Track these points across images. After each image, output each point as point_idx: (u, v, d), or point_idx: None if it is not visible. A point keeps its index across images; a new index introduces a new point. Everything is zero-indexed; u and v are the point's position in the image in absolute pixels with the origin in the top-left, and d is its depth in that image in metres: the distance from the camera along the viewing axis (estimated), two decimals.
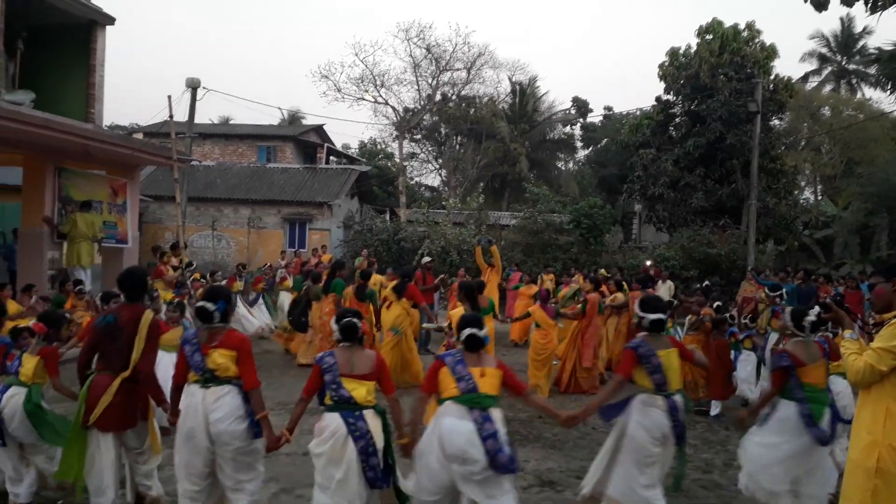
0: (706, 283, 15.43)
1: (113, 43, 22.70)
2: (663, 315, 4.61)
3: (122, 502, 4.63)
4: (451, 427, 3.94)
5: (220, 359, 4.14)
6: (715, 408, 8.33)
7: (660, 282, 15.78)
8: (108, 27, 12.89)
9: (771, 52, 23.06)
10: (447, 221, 23.11)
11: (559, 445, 6.95)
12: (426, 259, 13.57)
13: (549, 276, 16.21)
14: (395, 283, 9.70)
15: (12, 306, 10.28)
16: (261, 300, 14.05)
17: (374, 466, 3.97)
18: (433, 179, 40.29)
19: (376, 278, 13.68)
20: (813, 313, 4.75)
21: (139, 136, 24.95)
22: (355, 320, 4.24)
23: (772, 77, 23.15)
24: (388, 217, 27.83)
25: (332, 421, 4.05)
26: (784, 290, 10.73)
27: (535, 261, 20.67)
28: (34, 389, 4.80)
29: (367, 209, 28.61)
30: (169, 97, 12.71)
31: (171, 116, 12.67)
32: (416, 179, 39.07)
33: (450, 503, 4.07)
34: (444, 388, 4.12)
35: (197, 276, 12.42)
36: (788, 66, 77.77)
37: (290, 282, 13.78)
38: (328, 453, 3.99)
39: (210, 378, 4.14)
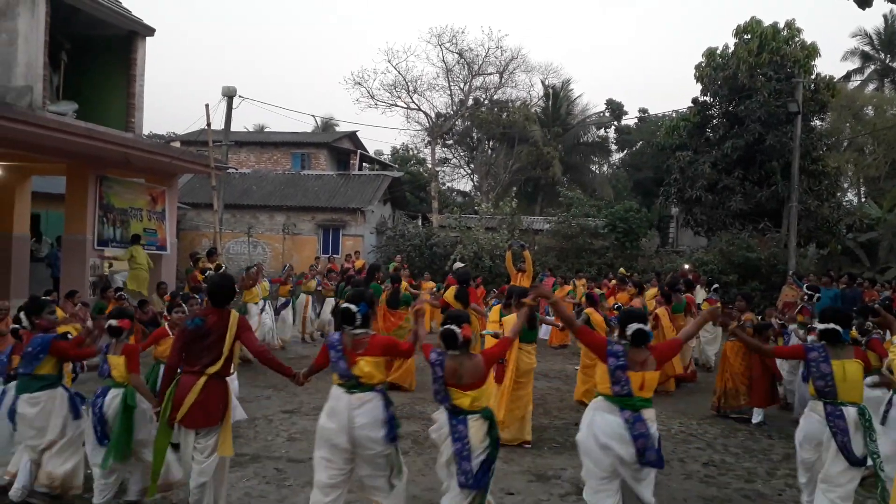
0: (715, 285, 15.11)
1: (151, 53, 23.19)
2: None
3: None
4: (602, 421, 4.22)
5: (367, 367, 4.26)
6: (757, 415, 8.12)
7: (698, 287, 15.52)
8: (147, 38, 13.16)
9: (812, 51, 22.56)
10: (479, 226, 23.05)
11: None
12: (458, 265, 13.41)
13: (581, 282, 16.03)
14: (455, 290, 9.29)
15: (56, 312, 10.53)
16: (290, 306, 13.40)
17: (466, 471, 4.07)
18: (465, 184, 40.32)
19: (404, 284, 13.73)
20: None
21: (176, 144, 25.45)
22: (454, 328, 4.26)
23: (813, 76, 22.65)
24: (420, 223, 27.88)
25: (441, 416, 4.31)
26: (820, 292, 10.47)
27: (570, 265, 20.49)
28: (130, 391, 4.92)
29: (400, 215, 28.70)
30: (207, 106, 12.94)
31: (208, 125, 12.89)
32: (448, 185, 39.11)
33: (618, 485, 4.23)
34: (600, 379, 4.36)
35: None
36: (830, 64, 76.01)
37: (314, 283, 13.52)
38: (438, 444, 4.32)
39: (355, 384, 4.27)
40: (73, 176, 12.44)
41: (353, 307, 4.34)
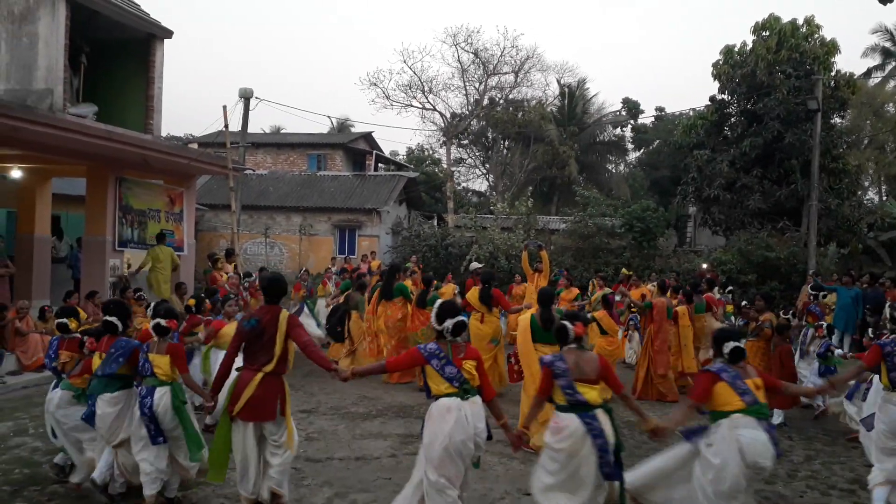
0: (730, 288, 15.04)
1: (168, 56, 23.37)
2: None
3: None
4: (751, 438, 4.20)
5: (472, 370, 4.42)
6: (777, 416, 8.03)
7: (717, 287, 15.37)
8: (165, 40, 13.27)
9: (831, 48, 22.26)
10: (495, 226, 23.00)
11: None
12: (476, 265, 13.30)
13: (598, 282, 15.90)
14: (479, 291, 9.15)
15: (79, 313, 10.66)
16: (305, 309, 12.97)
17: (608, 462, 4.25)
18: (480, 184, 40.23)
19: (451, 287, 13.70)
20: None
21: (194, 146, 25.65)
22: (567, 323, 4.51)
23: (832, 73, 22.33)
24: (435, 223, 27.89)
25: (570, 421, 4.30)
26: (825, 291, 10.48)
27: (586, 266, 20.38)
28: (177, 387, 5.01)
29: (415, 215, 28.73)
30: (224, 107, 13.00)
31: (226, 126, 12.95)
32: (464, 185, 39.07)
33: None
34: (723, 401, 4.33)
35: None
36: (850, 61, 74.87)
37: (330, 286, 13.50)
38: (568, 450, 4.25)
39: (468, 388, 4.38)
40: (93, 178, 12.57)
41: (452, 320, 4.50)
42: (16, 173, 12.87)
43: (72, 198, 15.19)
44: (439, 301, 4.82)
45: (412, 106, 31.44)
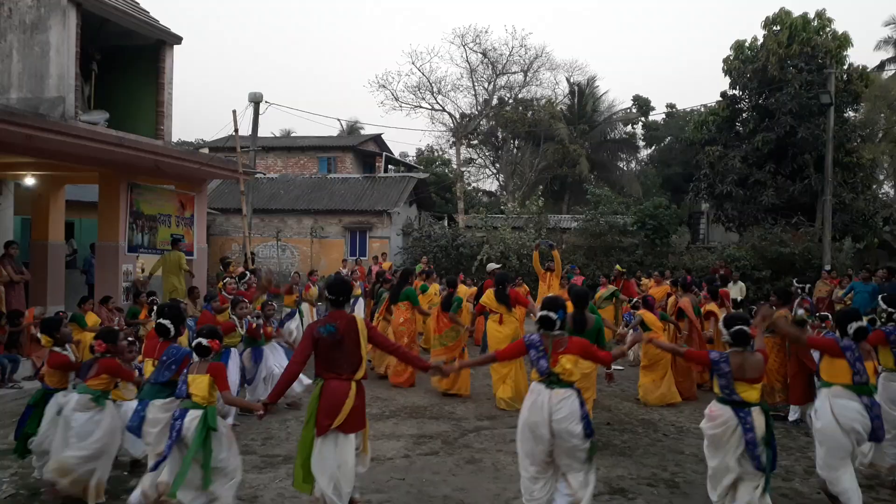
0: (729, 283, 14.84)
1: (177, 61, 23.52)
2: (552, 314, 4.71)
3: None
4: (844, 407, 5.00)
5: (568, 364, 4.60)
6: (794, 413, 7.95)
7: (731, 283, 15.25)
8: (175, 46, 13.35)
9: (843, 41, 22.09)
10: (506, 226, 22.97)
11: (629, 452, 6.74)
12: (493, 266, 13.12)
13: (603, 280, 15.80)
14: (493, 292, 8.96)
15: (91, 318, 10.74)
16: (297, 316, 12.21)
17: (756, 456, 4.56)
18: (490, 184, 40.19)
19: (435, 287, 13.65)
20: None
21: (205, 151, 25.80)
22: (744, 328, 4.75)
23: (845, 67, 22.19)
24: (446, 223, 27.89)
25: (725, 412, 4.65)
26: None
27: (598, 264, 20.31)
28: (210, 411, 4.68)
29: (426, 216, 28.74)
30: (234, 112, 13.08)
31: (236, 130, 13.02)
32: (474, 185, 39.04)
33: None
34: (835, 372, 5.13)
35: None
36: (862, 54, 74.20)
37: (314, 290, 12.83)
38: (718, 436, 4.67)
39: (556, 381, 4.58)
40: (106, 184, 12.66)
41: (552, 315, 4.68)
42: (30, 181, 12.99)
43: (85, 204, 15.31)
44: (545, 297, 5.06)
45: (421, 107, 31.51)
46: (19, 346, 9.54)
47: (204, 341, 4.79)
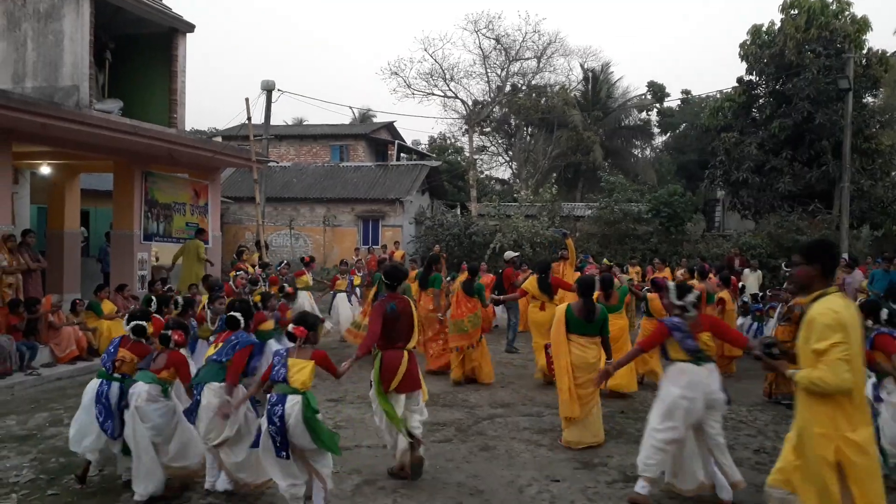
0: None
1: (190, 50, 23.51)
2: (689, 298, 5.15)
3: None
4: None
5: (709, 340, 5.08)
6: None
7: (748, 271, 15.15)
8: (188, 34, 13.35)
9: (863, 25, 21.70)
10: (519, 214, 22.88)
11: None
12: (511, 254, 13.04)
13: (634, 269, 15.73)
14: (536, 280, 9.07)
15: (107, 306, 10.86)
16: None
17: None
18: (503, 172, 40.00)
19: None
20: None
21: (217, 139, 25.87)
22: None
23: (864, 51, 21.79)
24: (458, 211, 27.84)
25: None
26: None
27: (613, 252, 20.19)
28: (310, 396, 4.61)
29: (438, 204, 28.69)
30: (247, 99, 13.07)
31: (249, 119, 13.02)
32: (487, 173, 38.89)
33: None
34: None
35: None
36: (882, 38, 72.72)
37: (308, 278, 12.59)
38: None
39: (703, 357, 5.00)
40: (120, 172, 12.73)
41: (690, 298, 5.12)
42: (45, 170, 13.09)
43: (100, 193, 15.41)
44: (673, 283, 5.45)
45: (434, 94, 31.35)
46: (37, 334, 9.64)
47: (290, 328, 4.79)
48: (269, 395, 4.66)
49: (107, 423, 5.12)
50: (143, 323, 5.41)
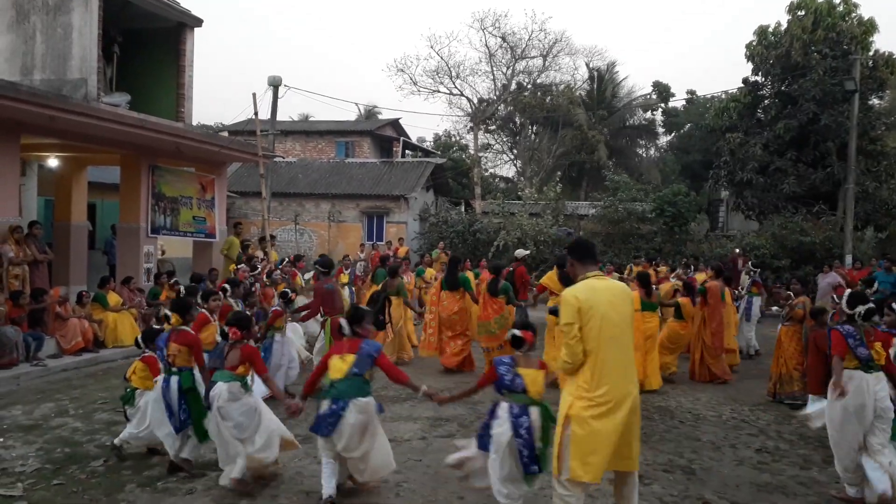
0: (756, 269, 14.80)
1: (197, 44, 23.53)
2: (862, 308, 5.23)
3: None
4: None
5: (880, 349, 5.17)
6: (812, 403, 7.88)
7: (743, 273, 15.13)
8: (195, 29, 13.39)
9: (869, 27, 21.66)
10: (523, 212, 22.90)
11: (645, 439, 6.70)
12: (522, 252, 12.96)
13: (638, 268, 15.73)
14: (558, 275, 8.80)
15: (113, 298, 10.93)
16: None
17: None
18: (508, 170, 40.04)
19: (430, 272, 13.68)
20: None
21: (224, 134, 25.91)
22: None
23: (871, 53, 21.75)
24: (463, 209, 27.87)
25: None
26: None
27: (616, 251, 20.21)
28: (547, 405, 4.54)
29: (443, 201, 28.72)
30: (254, 95, 13.06)
31: (255, 113, 13.03)
32: (491, 171, 38.93)
33: None
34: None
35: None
36: (889, 40, 72.46)
37: (300, 279, 12.75)
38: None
39: (873, 366, 5.11)
40: (127, 166, 12.78)
41: (867, 306, 5.22)
42: (53, 162, 13.14)
43: (106, 186, 15.46)
44: (850, 290, 5.58)
45: (439, 92, 31.39)
46: (43, 325, 9.70)
47: (519, 333, 4.62)
48: (505, 406, 4.46)
49: (171, 418, 5.32)
50: (182, 314, 5.59)
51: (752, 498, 5.30)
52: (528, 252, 13.11)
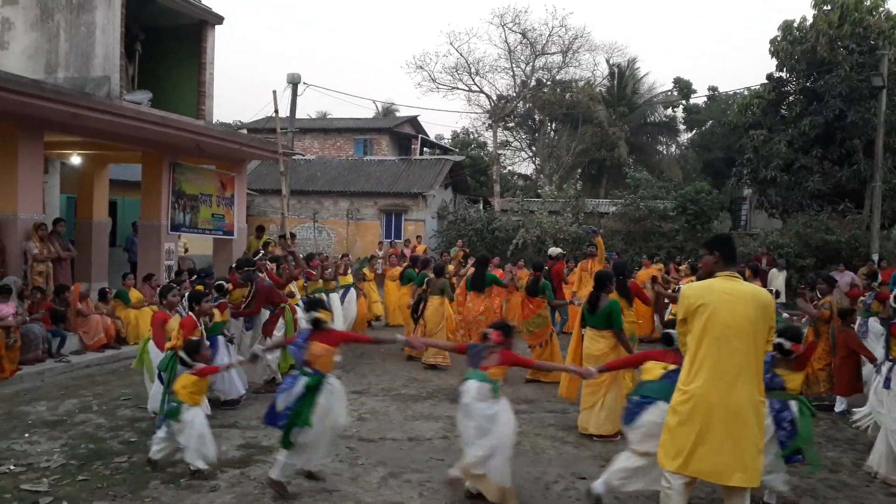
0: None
1: (217, 42, 23.64)
2: None
3: None
4: None
5: None
6: (840, 404, 7.74)
7: (775, 270, 14.95)
8: (216, 26, 13.43)
9: None
10: (542, 210, 22.76)
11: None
12: (556, 250, 12.72)
13: (657, 266, 15.58)
14: (616, 287, 8.38)
15: (135, 294, 10.98)
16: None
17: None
18: (527, 168, 39.87)
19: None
20: None
21: (242, 132, 26.04)
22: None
23: None
24: (481, 207, 27.78)
25: None
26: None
27: (637, 249, 20.02)
28: (803, 399, 5.10)
29: (461, 199, 28.65)
30: (274, 92, 13.12)
31: (276, 111, 13.08)
32: (509, 168, 38.78)
33: None
34: None
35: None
36: None
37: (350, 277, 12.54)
38: None
39: None
40: (148, 163, 12.85)
41: None
42: (75, 160, 13.26)
43: (128, 183, 15.58)
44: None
45: (458, 88, 31.31)
46: (66, 321, 9.78)
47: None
48: (769, 402, 4.64)
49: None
50: (319, 315, 5.24)
51: (782, 502, 5.18)
52: (560, 250, 12.93)
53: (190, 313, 6.58)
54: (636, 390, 4.95)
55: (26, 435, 6.24)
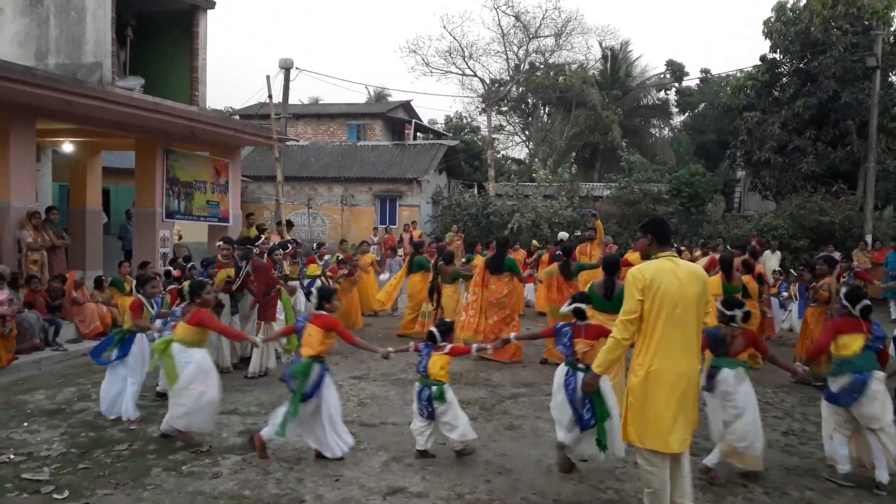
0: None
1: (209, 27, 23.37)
2: None
3: None
4: None
5: None
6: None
7: (768, 252, 15.01)
8: (208, 11, 13.27)
9: (891, 1, 21.15)
10: (537, 194, 22.74)
11: None
12: (564, 234, 12.58)
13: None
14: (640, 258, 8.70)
15: (130, 282, 10.91)
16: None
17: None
18: (520, 152, 39.77)
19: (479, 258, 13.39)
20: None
21: (235, 118, 25.86)
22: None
23: (892, 28, 21.28)
24: (476, 191, 27.74)
25: None
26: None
27: (632, 232, 20.03)
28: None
29: (456, 184, 28.59)
30: (268, 77, 12.99)
31: (269, 96, 12.97)
32: (503, 152, 38.66)
33: None
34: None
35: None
36: None
37: (369, 257, 12.89)
38: None
39: None
40: (142, 150, 12.75)
41: None
42: (67, 147, 13.14)
43: (121, 171, 15.47)
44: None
45: (451, 72, 31.16)
46: (62, 310, 9.73)
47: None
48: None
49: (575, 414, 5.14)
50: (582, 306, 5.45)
51: (783, 481, 5.23)
52: (569, 236, 12.85)
53: (138, 295, 6.96)
54: (841, 368, 5.22)
55: (25, 424, 6.22)
